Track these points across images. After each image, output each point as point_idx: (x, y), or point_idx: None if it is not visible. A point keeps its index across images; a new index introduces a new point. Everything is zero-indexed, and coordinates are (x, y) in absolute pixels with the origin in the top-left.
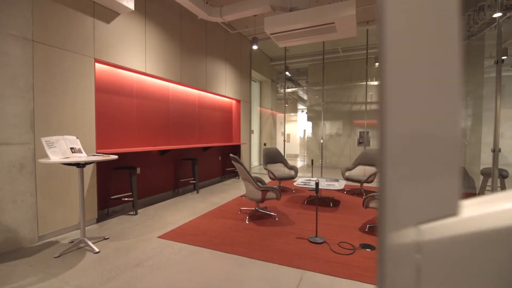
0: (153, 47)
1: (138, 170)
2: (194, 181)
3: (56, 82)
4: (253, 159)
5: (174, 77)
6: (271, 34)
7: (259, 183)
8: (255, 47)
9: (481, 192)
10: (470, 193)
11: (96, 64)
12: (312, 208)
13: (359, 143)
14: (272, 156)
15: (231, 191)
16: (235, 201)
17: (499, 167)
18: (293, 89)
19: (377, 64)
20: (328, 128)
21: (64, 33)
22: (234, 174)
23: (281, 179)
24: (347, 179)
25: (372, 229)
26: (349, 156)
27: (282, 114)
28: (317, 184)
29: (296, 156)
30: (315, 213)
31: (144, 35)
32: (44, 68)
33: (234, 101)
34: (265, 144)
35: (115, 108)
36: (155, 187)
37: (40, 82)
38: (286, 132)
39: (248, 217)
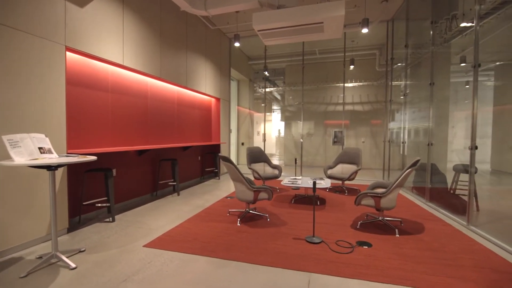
0: (131, 38)
1: (114, 172)
2: (174, 183)
3: (20, 71)
4: (232, 158)
5: (154, 72)
6: (258, 30)
7: (252, 184)
8: (237, 44)
9: (455, 187)
10: (442, 187)
11: (68, 53)
12: (300, 207)
13: (334, 142)
14: (255, 156)
15: (214, 192)
16: (221, 203)
17: (456, 163)
18: (272, 88)
19: (352, 66)
20: (305, 127)
21: (30, 15)
22: (214, 174)
23: (266, 178)
24: (330, 177)
25: (363, 226)
26: (324, 155)
27: (259, 114)
28: (314, 183)
29: (271, 155)
30: (305, 212)
31: (122, 24)
32: (5, 54)
33: (213, 99)
34: (242, 144)
35: (88, 103)
36: (132, 190)
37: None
38: (262, 132)
39: (239, 219)
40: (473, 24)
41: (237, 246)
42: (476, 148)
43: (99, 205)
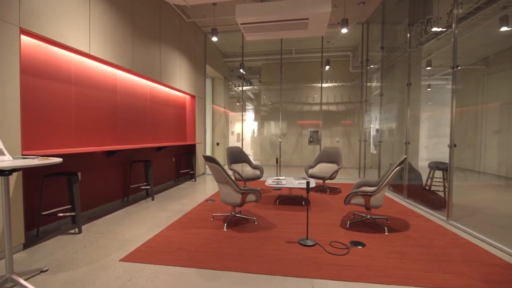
0: (99, 24)
1: (79, 176)
2: (147, 187)
3: None
4: None
5: (125, 64)
6: (241, 24)
7: (239, 186)
8: (214, 38)
9: (430, 183)
10: (418, 184)
11: (22, 36)
12: (286, 208)
13: (310, 142)
14: (235, 156)
15: (192, 196)
16: (201, 207)
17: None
18: (249, 87)
19: (327, 67)
20: (280, 127)
21: None
22: (190, 176)
23: (248, 179)
24: (311, 176)
25: (353, 225)
26: (301, 154)
27: (234, 113)
28: (308, 183)
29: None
30: (292, 213)
31: (89, 8)
32: None
33: (188, 97)
34: (217, 144)
35: (47, 97)
36: (100, 196)
37: None
38: (236, 132)
39: (226, 224)
40: (444, 29)
41: (229, 254)
42: (455, 146)
43: (62, 214)
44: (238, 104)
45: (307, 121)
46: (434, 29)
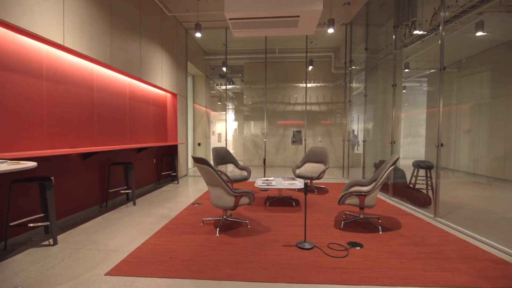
0: (75, 14)
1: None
2: (128, 191)
3: None
4: (187, 160)
5: (103, 58)
6: (230, 19)
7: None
8: (198, 34)
9: (415, 182)
10: (402, 182)
11: None
12: (277, 210)
13: (293, 142)
14: (222, 157)
15: (176, 199)
16: (188, 211)
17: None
18: (232, 86)
19: (310, 67)
20: (265, 127)
21: None
22: (171, 178)
23: (235, 181)
24: (299, 176)
25: (347, 225)
26: (284, 154)
27: (215, 113)
28: (305, 184)
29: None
30: (284, 215)
31: None
32: None
33: (169, 95)
34: (199, 144)
35: (14, 93)
36: (75, 202)
37: None
38: (217, 131)
39: (218, 229)
40: (426, 33)
41: (225, 261)
42: (442, 145)
43: (33, 225)
44: (219, 103)
45: (290, 121)
46: (416, 32)
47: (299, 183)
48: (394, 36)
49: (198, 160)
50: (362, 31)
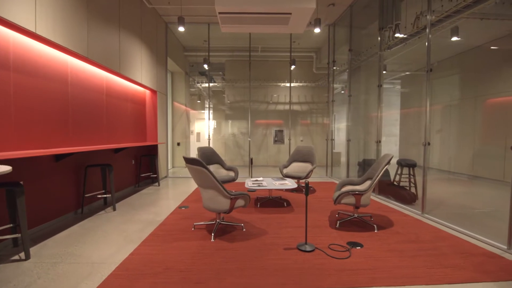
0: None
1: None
2: (105, 195)
3: None
4: (167, 161)
5: (80, 49)
6: (220, 13)
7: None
8: (181, 28)
9: (399, 180)
10: (387, 180)
11: None
12: (269, 211)
13: (275, 141)
14: (207, 157)
15: (159, 203)
16: (176, 215)
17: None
18: (213, 84)
19: (293, 66)
20: (243, 126)
21: None
22: (151, 180)
23: (222, 182)
24: (286, 176)
25: (342, 225)
26: (266, 154)
27: (195, 111)
28: (307, 184)
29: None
30: (278, 216)
31: None
32: None
33: (148, 92)
34: (178, 144)
35: None
36: (47, 209)
37: None
38: (196, 131)
39: (213, 234)
40: (405, 36)
41: (227, 269)
42: (429, 144)
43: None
44: (199, 101)
45: (272, 121)
46: (398, 35)
47: (290, 183)
48: (379, 38)
49: (190, 161)
50: (345, 32)
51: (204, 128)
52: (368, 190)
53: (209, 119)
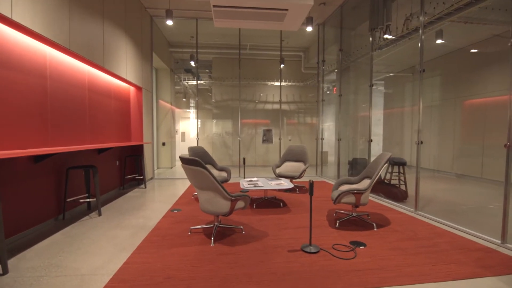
0: None
1: None
2: (92, 199)
3: None
4: (153, 162)
5: (61, 40)
6: (214, 6)
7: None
8: (169, 22)
9: (390, 178)
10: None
11: None
12: (266, 212)
13: (263, 140)
14: (199, 157)
15: (149, 206)
16: (168, 219)
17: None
18: (202, 81)
19: (282, 65)
20: (229, 125)
21: None
22: (137, 182)
23: None
24: (279, 175)
25: (342, 224)
26: (254, 153)
27: (180, 110)
28: (311, 184)
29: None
30: (276, 217)
31: None
32: None
33: (133, 88)
34: (163, 144)
35: None
36: (26, 217)
37: None
38: (181, 130)
39: (213, 238)
40: (393, 37)
41: (233, 275)
42: (422, 143)
43: None
44: (184, 100)
45: (261, 120)
46: (387, 36)
47: (286, 183)
48: (371, 38)
49: (188, 162)
50: (334, 32)
51: (189, 127)
52: (368, 189)
53: (197, 118)
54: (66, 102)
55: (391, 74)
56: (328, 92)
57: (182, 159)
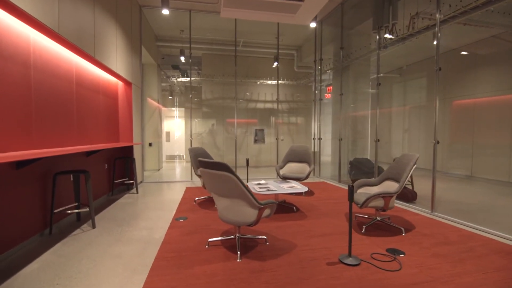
0: None
1: None
2: (81, 209)
3: None
4: (138, 163)
5: (49, 22)
6: None
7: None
8: (165, 11)
9: None
10: None
11: None
12: (282, 218)
13: (255, 140)
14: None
15: (148, 214)
16: (176, 230)
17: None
18: (192, 78)
19: (275, 64)
20: (236, 125)
21: None
22: (126, 187)
23: None
24: (284, 177)
25: (369, 229)
26: (246, 154)
27: (165, 108)
28: (351, 188)
29: (180, 157)
30: (295, 223)
31: None
32: None
33: (121, 83)
34: (150, 144)
35: None
36: (8, 235)
37: None
38: (165, 130)
39: (239, 252)
40: (393, 38)
41: None
42: (438, 142)
43: None
44: (170, 98)
45: (252, 120)
46: (387, 35)
47: (299, 186)
48: (377, 36)
49: (213, 166)
50: (332, 30)
51: (174, 126)
52: (398, 192)
53: (190, 117)
54: (53, 97)
55: (381, 74)
56: (321, 99)
57: (203, 162)
